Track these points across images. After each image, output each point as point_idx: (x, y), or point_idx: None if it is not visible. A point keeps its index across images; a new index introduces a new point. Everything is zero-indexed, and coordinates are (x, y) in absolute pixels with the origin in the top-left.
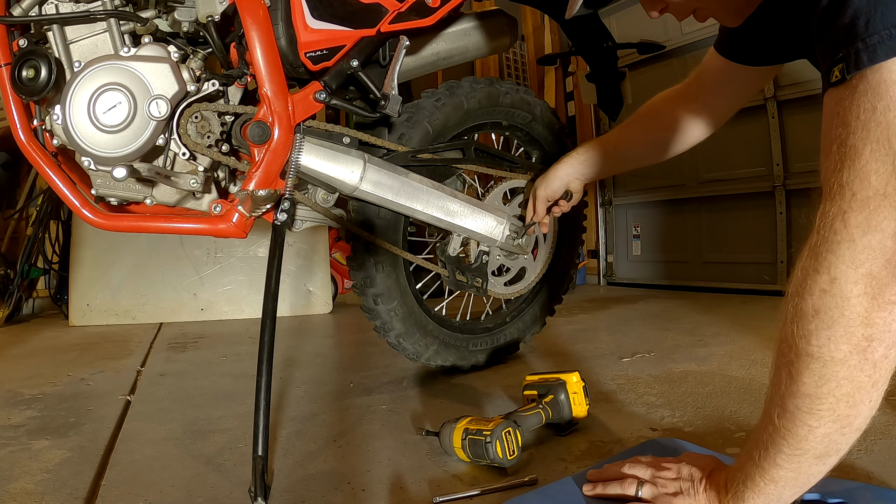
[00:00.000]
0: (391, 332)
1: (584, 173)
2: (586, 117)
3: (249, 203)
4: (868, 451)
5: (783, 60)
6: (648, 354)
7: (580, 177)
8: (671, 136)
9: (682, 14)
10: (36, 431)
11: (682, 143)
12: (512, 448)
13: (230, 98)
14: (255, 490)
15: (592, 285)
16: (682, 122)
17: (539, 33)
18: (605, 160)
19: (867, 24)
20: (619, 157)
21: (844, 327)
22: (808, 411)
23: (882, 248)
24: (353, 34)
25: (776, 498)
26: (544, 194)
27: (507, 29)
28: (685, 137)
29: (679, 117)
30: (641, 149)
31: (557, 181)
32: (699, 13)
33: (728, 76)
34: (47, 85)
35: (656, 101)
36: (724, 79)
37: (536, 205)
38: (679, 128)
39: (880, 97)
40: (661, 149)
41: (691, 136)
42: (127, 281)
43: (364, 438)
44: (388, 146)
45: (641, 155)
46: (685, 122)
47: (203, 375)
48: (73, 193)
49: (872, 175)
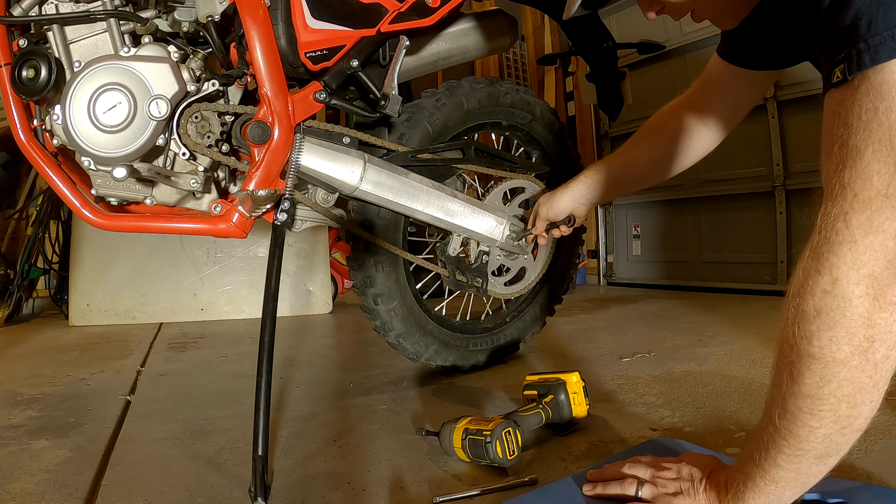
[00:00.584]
0: (391, 332)
1: (591, 197)
2: (586, 117)
3: (249, 203)
4: (868, 451)
5: (786, 64)
6: (648, 354)
7: (586, 202)
8: (678, 149)
9: (678, 14)
10: (36, 431)
11: (689, 156)
12: (512, 448)
13: (230, 98)
14: (255, 490)
15: (592, 285)
16: (688, 133)
17: (539, 33)
18: (612, 182)
19: (869, 24)
20: (627, 176)
21: (846, 328)
22: (809, 412)
23: (884, 249)
24: (353, 34)
25: (776, 498)
26: (546, 215)
27: (507, 29)
28: (692, 148)
29: (685, 127)
30: (649, 166)
31: (562, 204)
32: (696, 14)
33: (733, 81)
34: (47, 85)
35: (661, 113)
36: (728, 84)
37: (537, 222)
38: (685, 138)
39: (882, 98)
40: (669, 163)
41: (699, 147)
42: (127, 281)
43: (364, 438)
44: (388, 146)
45: (649, 172)
46: (691, 132)
47: (203, 375)
48: (73, 193)
49: (874, 176)
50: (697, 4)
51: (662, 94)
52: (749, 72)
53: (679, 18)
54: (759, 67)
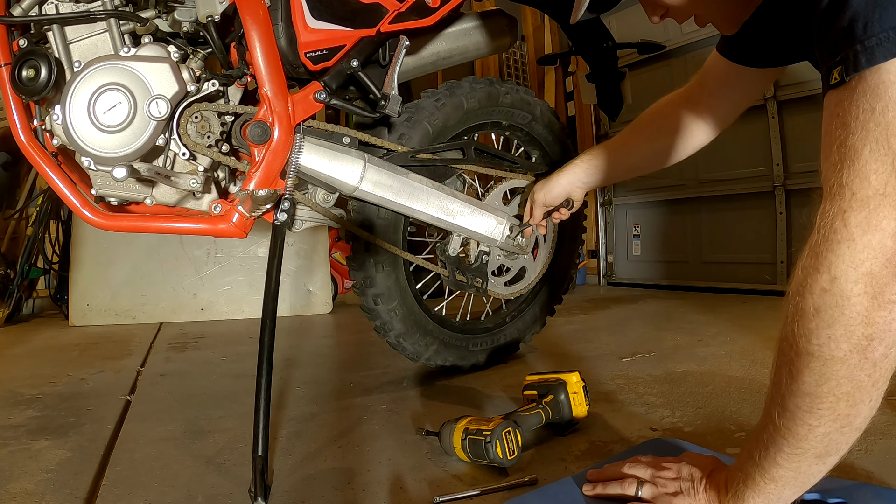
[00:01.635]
0: (391, 332)
1: (587, 181)
2: (586, 117)
3: (249, 203)
4: (868, 451)
5: (785, 63)
6: (648, 354)
7: (582, 185)
8: (675, 141)
9: (681, 18)
10: (36, 431)
11: (685, 148)
12: (512, 448)
13: (230, 98)
14: (255, 490)
15: (592, 285)
16: (685, 126)
17: (539, 33)
18: (608, 167)
19: (865, 26)
20: (623, 163)
21: (844, 326)
22: (808, 410)
23: (882, 248)
24: (353, 34)
25: (776, 497)
26: (543, 200)
27: (507, 29)
28: (689, 141)
29: (682, 121)
30: (645, 154)
31: (558, 188)
32: (698, 19)
33: (731, 78)
34: (47, 85)
35: (659, 105)
36: (726, 81)
37: (534, 209)
38: (683, 132)
39: (879, 98)
40: (665, 154)
41: (695, 140)
42: (127, 281)
43: (364, 438)
44: (388, 146)
45: (645, 161)
46: (689, 126)
47: (203, 375)
48: (73, 193)
49: (872, 175)
50: (699, 10)
51: (662, 94)
52: (748, 69)
53: (682, 22)
54: (758, 65)
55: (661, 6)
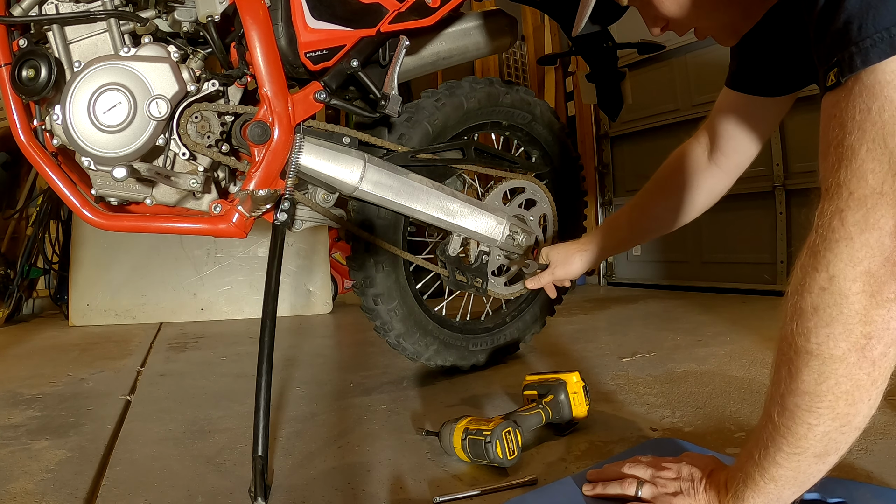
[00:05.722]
0: (391, 332)
1: (602, 256)
2: (586, 117)
3: (249, 203)
4: (868, 451)
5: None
6: (648, 354)
7: (594, 264)
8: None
9: (681, 30)
10: (36, 431)
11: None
12: (512, 448)
13: (230, 98)
14: (255, 490)
15: (592, 285)
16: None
17: (539, 33)
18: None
19: (860, 28)
20: (640, 228)
21: (843, 325)
22: (807, 409)
23: (880, 246)
24: (353, 34)
25: (776, 497)
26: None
27: (507, 29)
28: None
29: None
30: (662, 214)
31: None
32: (698, 31)
33: (744, 112)
34: (47, 85)
35: (670, 160)
36: (739, 117)
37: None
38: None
39: (875, 98)
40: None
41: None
42: (127, 281)
43: (364, 438)
44: (388, 146)
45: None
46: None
47: (203, 375)
48: (73, 193)
49: (869, 174)
50: (700, 22)
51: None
52: (760, 100)
53: (683, 34)
54: (770, 93)
55: (662, 18)
